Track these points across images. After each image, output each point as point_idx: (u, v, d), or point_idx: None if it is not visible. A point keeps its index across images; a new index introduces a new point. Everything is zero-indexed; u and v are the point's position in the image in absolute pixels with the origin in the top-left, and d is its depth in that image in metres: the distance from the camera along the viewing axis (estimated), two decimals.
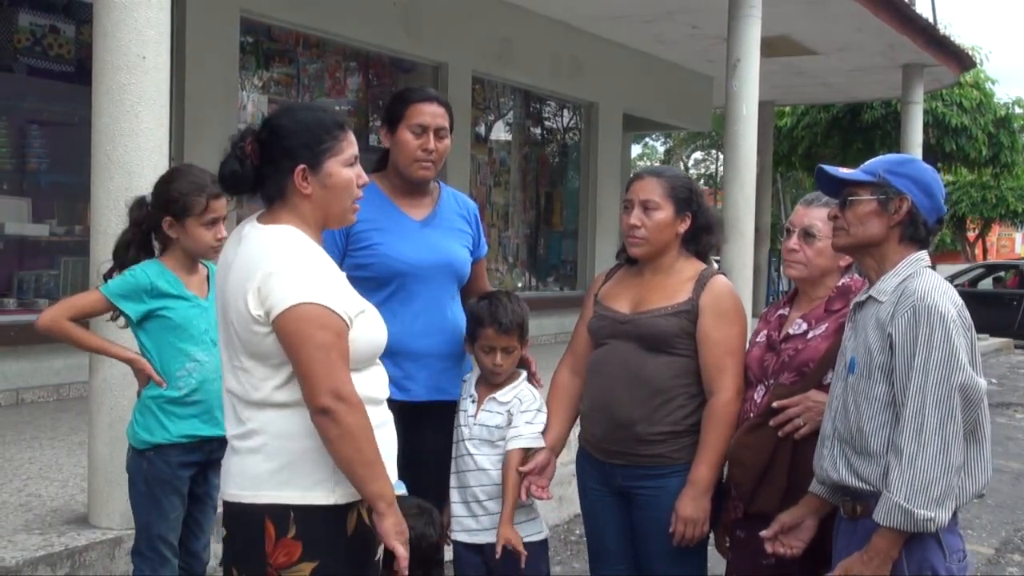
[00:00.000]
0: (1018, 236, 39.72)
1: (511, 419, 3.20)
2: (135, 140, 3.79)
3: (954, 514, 2.51)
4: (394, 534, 2.24)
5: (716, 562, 3.23)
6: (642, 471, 3.03)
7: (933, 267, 2.61)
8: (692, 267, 3.11)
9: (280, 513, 2.20)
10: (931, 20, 12.87)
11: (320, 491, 2.23)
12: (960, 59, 13.48)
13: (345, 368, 2.19)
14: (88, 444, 3.97)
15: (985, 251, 33.87)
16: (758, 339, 3.06)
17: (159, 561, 3.14)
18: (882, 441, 2.48)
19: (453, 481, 3.25)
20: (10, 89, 7.21)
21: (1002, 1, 74.44)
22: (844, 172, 2.65)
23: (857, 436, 2.52)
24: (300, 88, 9.15)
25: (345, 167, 2.31)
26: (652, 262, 3.11)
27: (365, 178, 2.37)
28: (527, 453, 3.18)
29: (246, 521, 2.23)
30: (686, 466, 3.00)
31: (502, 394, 3.23)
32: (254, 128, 2.32)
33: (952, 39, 13.79)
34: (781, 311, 3.06)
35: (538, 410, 3.23)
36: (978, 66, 17.50)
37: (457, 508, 3.23)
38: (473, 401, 3.24)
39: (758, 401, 2.93)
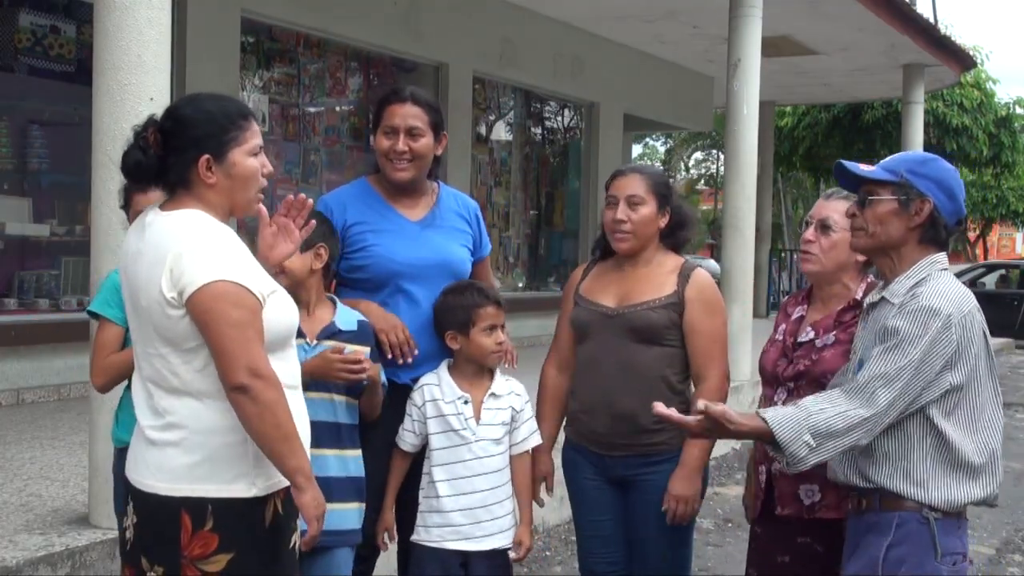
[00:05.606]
0: (1019, 236, 39.73)
1: (513, 414, 3.16)
2: None
3: (960, 515, 2.48)
4: (312, 507, 2.25)
5: (720, 561, 3.22)
6: (642, 459, 3.11)
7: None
8: (672, 260, 3.19)
9: (198, 506, 2.19)
10: (932, 20, 12.86)
11: (241, 484, 2.22)
12: (961, 59, 13.47)
13: (260, 345, 2.18)
14: (89, 444, 3.96)
15: (986, 251, 33.88)
16: (777, 336, 3.04)
17: None
18: (883, 443, 2.47)
19: (447, 489, 3.09)
20: (11, 89, 7.20)
21: (1002, 1, 74.41)
22: (865, 169, 2.58)
23: None
24: (301, 88, 9.15)
25: (249, 156, 2.30)
26: (634, 256, 3.17)
27: (269, 167, 2.36)
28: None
29: (161, 512, 2.21)
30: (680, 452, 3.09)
31: (498, 386, 3.16)
32: (156, 118, 2.31)
33: (953, 39, 13.79)
34: (800, 311, 3.02)
35: (527, 401, 3.23)
36: (979, 66, 17.47)
37: (456, 517, 3.08)
38: (466, 402, 3.11)
39: (778, 404, 2.88)
